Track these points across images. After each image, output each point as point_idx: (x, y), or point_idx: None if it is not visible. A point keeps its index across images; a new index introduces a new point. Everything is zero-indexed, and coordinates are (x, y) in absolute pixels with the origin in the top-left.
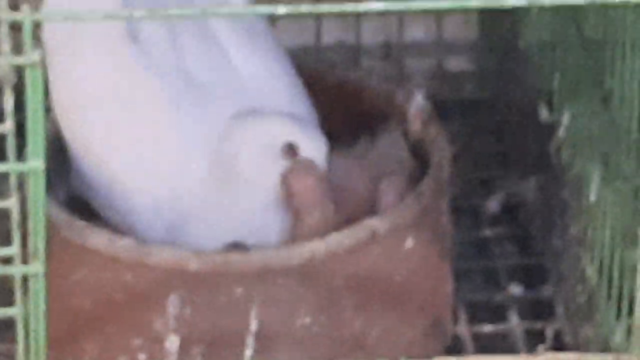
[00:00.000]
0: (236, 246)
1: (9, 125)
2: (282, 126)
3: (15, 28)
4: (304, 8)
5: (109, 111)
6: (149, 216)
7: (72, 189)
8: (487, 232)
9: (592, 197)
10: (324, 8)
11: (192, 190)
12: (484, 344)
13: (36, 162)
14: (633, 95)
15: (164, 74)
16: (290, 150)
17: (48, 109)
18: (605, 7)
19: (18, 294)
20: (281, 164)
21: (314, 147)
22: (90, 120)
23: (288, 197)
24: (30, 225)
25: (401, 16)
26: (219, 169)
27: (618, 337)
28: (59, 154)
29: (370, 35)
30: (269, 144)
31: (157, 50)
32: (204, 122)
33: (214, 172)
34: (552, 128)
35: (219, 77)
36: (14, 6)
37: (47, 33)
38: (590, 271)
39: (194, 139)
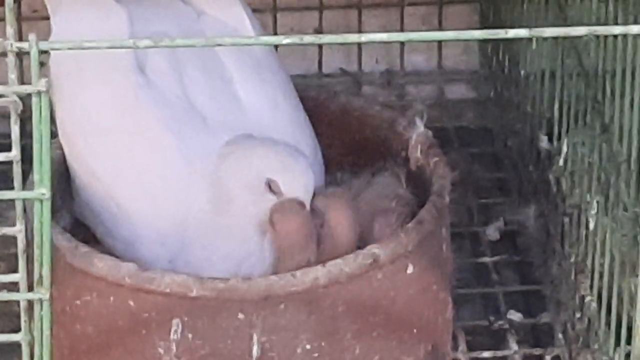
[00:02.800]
0: None
1: (14, 153)
2: (266, 161)
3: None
4: (307, 38)
5: (113, 140)
6: (153, 247)
7: (76, 214)
8: (487, 259)
9: (591, 225)
10: (327, 39)
11: (194, 218)
12: None
13: (42, 190)
14: (632, 124)
15: (168, 105)
16: (274, 188)
17: (53, 135)
18: (604, 36)
19: (23, 320)
20: (268, 198)
21: (297, 185)
22: (95, 148)
23: (273, 236)
24: (36, 251)
25: (402, 45)
26: (215, 194)
27: None
28: (64, 178)
29: (372, 63)
30: (255, 177)
31: (162, 81)
32: (207, 152)
33: (212, 197)
34: (551, 156)
35: (223, 109)
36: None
37: (53, 61)
38: (589, 298)
39: (197, 169)
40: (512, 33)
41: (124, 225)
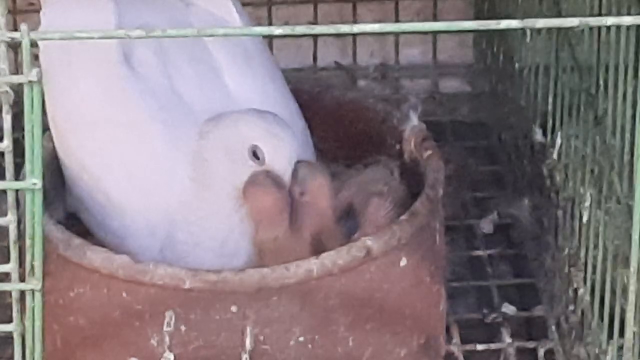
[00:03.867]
0: None
1: (6, 143)
2: (252, 128)
3: (14, 47)
4: (300, 29)
5: (101, 132)
6: (143, 237)
7: (69, 207)
8: (481, 252)
9: (585, 218)
10: (319, 29)
11: (178, 202)
12: None
13: (34, 180)
14: (625, 117)
15: (155, 96)
16: (258, 155)
17: (46, 127)
18: (598, 29)
19: (15, 311)
20: (250, 166)
21: (281, 153)
22: (83, 141)
23: (247, 209)
24: (27, 242)
25: (397, 38)
26: (197, 169)
27: (610, 357)
28: (57, 171)
29: (367, 57)
30: (239, 143)
31: (148, 72)
32: (194, 142)
33: (194, 174)
34: (545, 149)
35: (211, 99)
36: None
37: (43, 53)
38: (583, 291)
39: (185, 160)
40: (504, 24)
41: (114, 217)
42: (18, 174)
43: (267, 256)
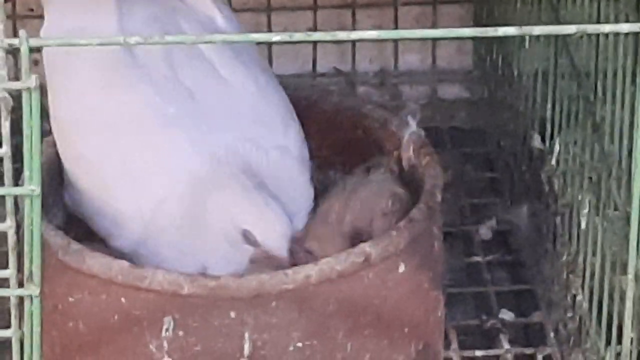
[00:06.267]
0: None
1: (4, 149)
2: (240, 212)
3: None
4: (298, 36)
5: (100, 120)
6: (133, 225)
7: (69, 209)
8: (479, 258)
9: (583, 225)
10: (317, 36)
11: (164, 212)
12: None
13: (32, 187)
14: (623, 124)
15: (156, 84)
16: (250, 239)
17: (46, 133)
18: (596, 36)
19: (13, 316)
20: (244, 249)
21: (273, 237)
22: (83, 129)
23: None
24: (26, 248)
25: (396, 44)
26: (191, 216)
27: None
28: (57, 176)
29: (366, 63)
30: (229, 227)
31: (151, 61)
32: (194, 136)
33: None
34: (544, 156)
35: (210, 89)
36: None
37: (45, 52)
38: (581, 298)
39: (180, 153)
40: (501, 31)
41: (107, 201)
42: (17, 180)
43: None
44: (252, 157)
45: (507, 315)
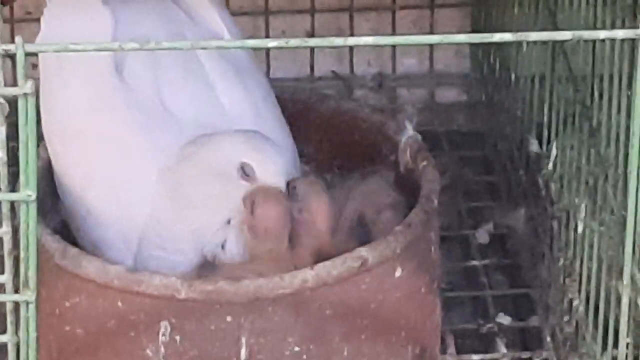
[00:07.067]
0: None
1: (0, 155)
2: (238, 146)
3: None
4: (293, 42)
5: (86, 142)
6: (118, 249)
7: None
8: (476, 262)
9: (580, 229)
10: (313, 42)
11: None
12: None
13: (28, 192)
14: (619, 128)
15: (142, 109)
16: (247, 172)
17: (42, 138)
18: (592, 41)
19: (9, 322)
20: (240, 185)
21: (273, 168)
22: (70, 149)
23: (248, 219)
24: (22, 253)
25: (394, 48)
26: (174, 191)
27: None
28: (53, 180)
29: (364, 67)
30: (226, 163)
31: (138, 84)
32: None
33: (170, 194)
34: (541, 160)
35: (203, 112)
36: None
37: (41, 61)
38: (577, 302)
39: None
40: (497, 37)
41: (93, 228)
42: (14, 185)
43: (261, 266)
44: None
45: (504, 319)
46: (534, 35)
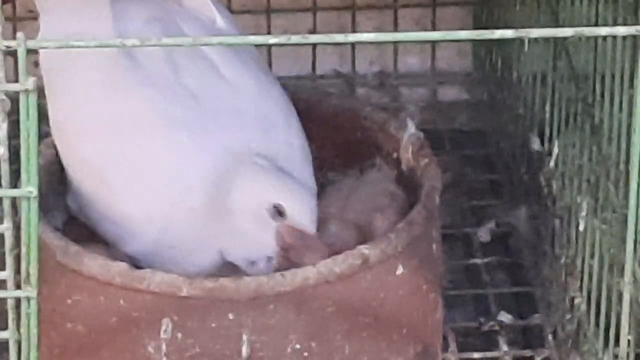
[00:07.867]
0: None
1: (2, 151)
2: (270, 188)
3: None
4: (295, 38)
5: (102, 123)
6: (140, 224)
7: (70, 211)
8: (478, 260)
9: (582, 227)
10: (314, 38)
11: (180, 216)
12: None
13: (30, 188)
14: (621, 126)
15: (156, 87)
16: (279, 213)
17: (45, 135)
18: (595, 38)
19: (10, 318)
20: (272, 225)
21: (302, 210)
22: (85, 133)
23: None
24: (23, 249)
25: (396, 46)
26: (213, 206)
27: None
28: (56, 177)
29: (366, 65)
30: (258, 205)
31: (152, 63)
32: (201, 136)
33: (209, 206)
34: (543, 158)
35: (213, 89)
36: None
37: (42, 55)
38: (579, 300)
39: (190, 154)
40: (498, 34)
41: (115, 206)
42: (16, 181)
43: None
44: (262, 150)
45: (505, 317)
46: (535, 32)
